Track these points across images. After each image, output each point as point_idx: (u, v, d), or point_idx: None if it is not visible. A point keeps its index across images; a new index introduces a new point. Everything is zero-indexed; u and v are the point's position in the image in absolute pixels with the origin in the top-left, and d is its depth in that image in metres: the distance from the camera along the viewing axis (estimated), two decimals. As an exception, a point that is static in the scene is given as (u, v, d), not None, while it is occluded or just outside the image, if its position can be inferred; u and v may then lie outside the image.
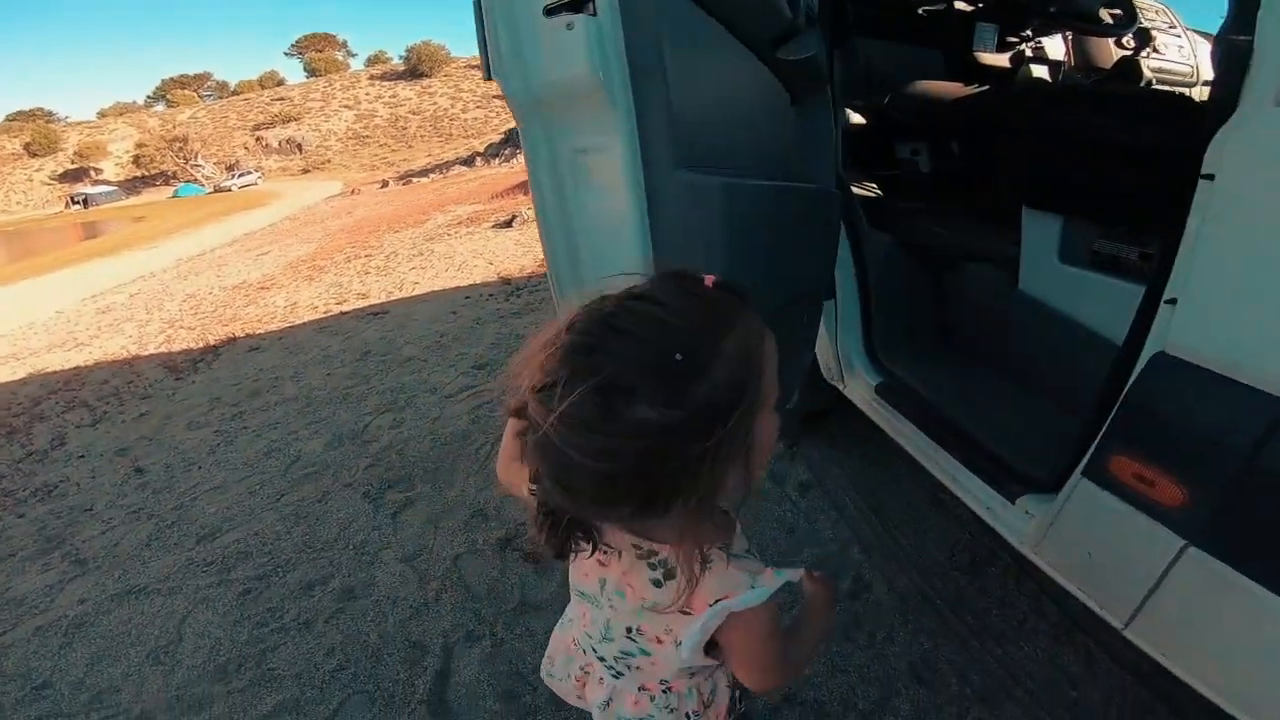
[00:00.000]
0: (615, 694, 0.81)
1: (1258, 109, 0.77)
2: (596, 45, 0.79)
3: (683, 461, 0.51)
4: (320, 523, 2.28)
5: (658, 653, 0.71)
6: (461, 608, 1.82)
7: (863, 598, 1.69)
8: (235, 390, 3.77)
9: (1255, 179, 0.79)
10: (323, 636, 1.78)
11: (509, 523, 2.14)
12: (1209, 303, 0.87)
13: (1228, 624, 0.89)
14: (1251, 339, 0.82)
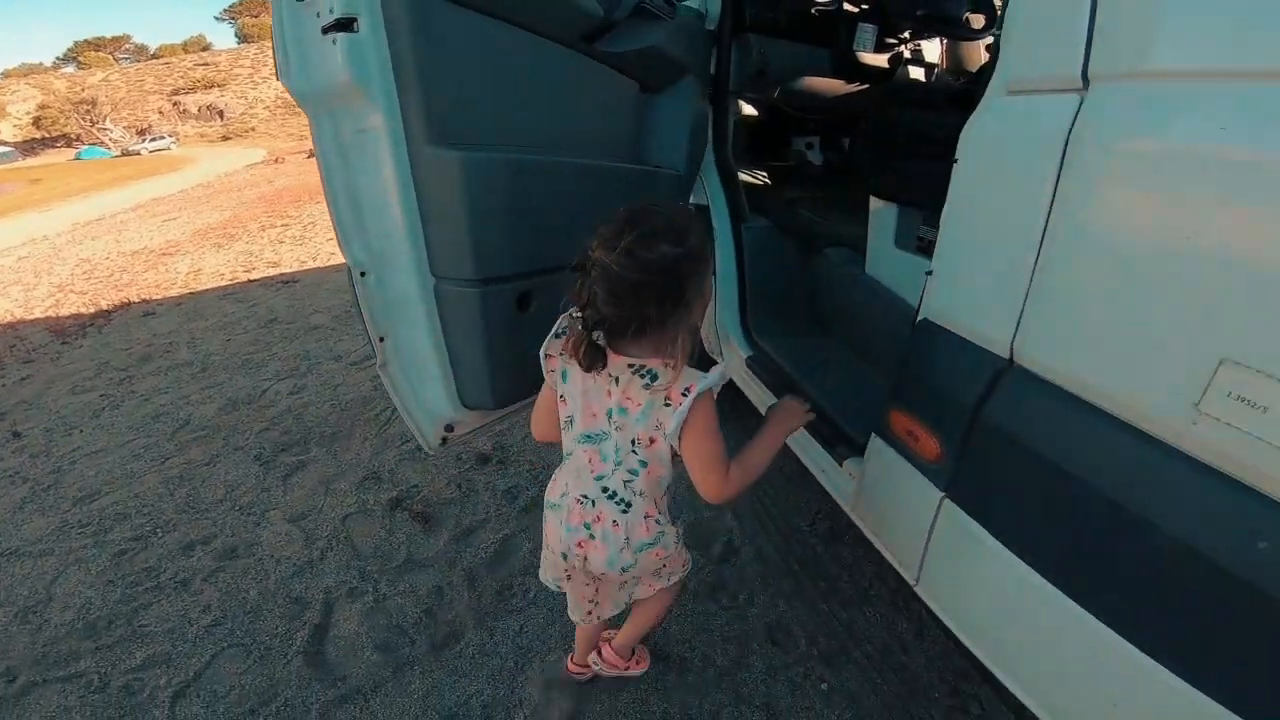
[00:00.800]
0: (629, 529, 1.10)
1: (993, 97, 0.90)
2: (359, 56, 1.01)
3: (676, 282, 0.92)
4: (205, 485, 2.29)
5: (652, 459, 1.05)
6: (346, 566, 1.89)
7: (731, 561, 1.85)
8: (125, 355, 3.68)
9: (985, 161, 0.92)
10: (199, 594, 1.82)
11: (402, 484, 2.21)
12: (950, 273, 1.01)
13: (977, 578, 0.97)
14: (977, 304, 0.95)
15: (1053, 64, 0.81)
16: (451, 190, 1.12)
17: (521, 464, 2.29)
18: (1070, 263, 0.79)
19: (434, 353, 1.30)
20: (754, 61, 1.93)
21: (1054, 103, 0.80)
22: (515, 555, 1.89)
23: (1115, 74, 0.73)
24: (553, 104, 1.33)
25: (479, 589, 1.78)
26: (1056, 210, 0.79)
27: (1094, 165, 0.75)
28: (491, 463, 2.30)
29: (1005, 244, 0.87)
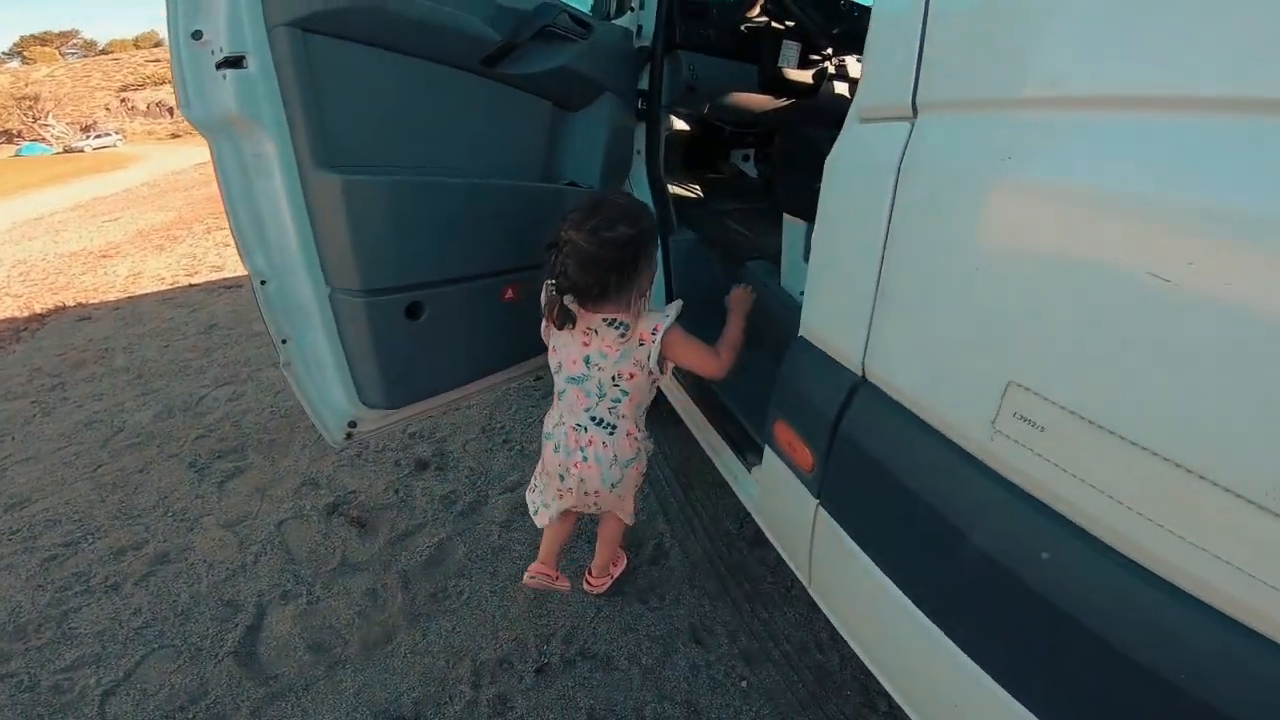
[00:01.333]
0: (616, 448, 1.44)
1: (851, 125, 1.01)
2: (249, 90, 1.15)
3: (631, 255, 1.28)
4: (138, 492, 2.34)
5: (633, 389, 1.41)
6: (280, 570, 1.96)
7: (660, 564, 1.97)
8: (59, 361, 3.67)
9: (842, 187, 1.03)
10: (130, 598, 1.88)
11: (339, 490, 2.29)
12: (817, 292, 1.13)
13: (848, 580, 1.09)
14: (837, 322, 1.06)
15: (890, 93, 0.90)
16: (335, 210, 1.26)
17: (460, 470, 2.38)
18: (899, 285, 0.88)
19: (331, 355, 1.44)
20: (685, 78, 2.02)
21: (890, 131, 0.88)
22: (450, 559, 1.98)
23: (939, 103, 0.82)
24: (453, 126, 1.45)
25: (413, 591, 1.86)
26: (891, 235, 0.88)
27: (916, 192, 0.84)
28: (430, 469, 2.39)
29: (856, 267, 0.96)
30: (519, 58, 1.48)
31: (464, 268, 1.52)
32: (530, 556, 1.96)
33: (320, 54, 1.18)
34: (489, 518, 2.14)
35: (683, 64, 2.00)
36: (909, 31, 0.85)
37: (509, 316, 1.68)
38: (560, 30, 1.53)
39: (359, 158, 1.29)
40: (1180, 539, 0.58)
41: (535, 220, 1.63)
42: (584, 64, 1.63)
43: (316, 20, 1.15)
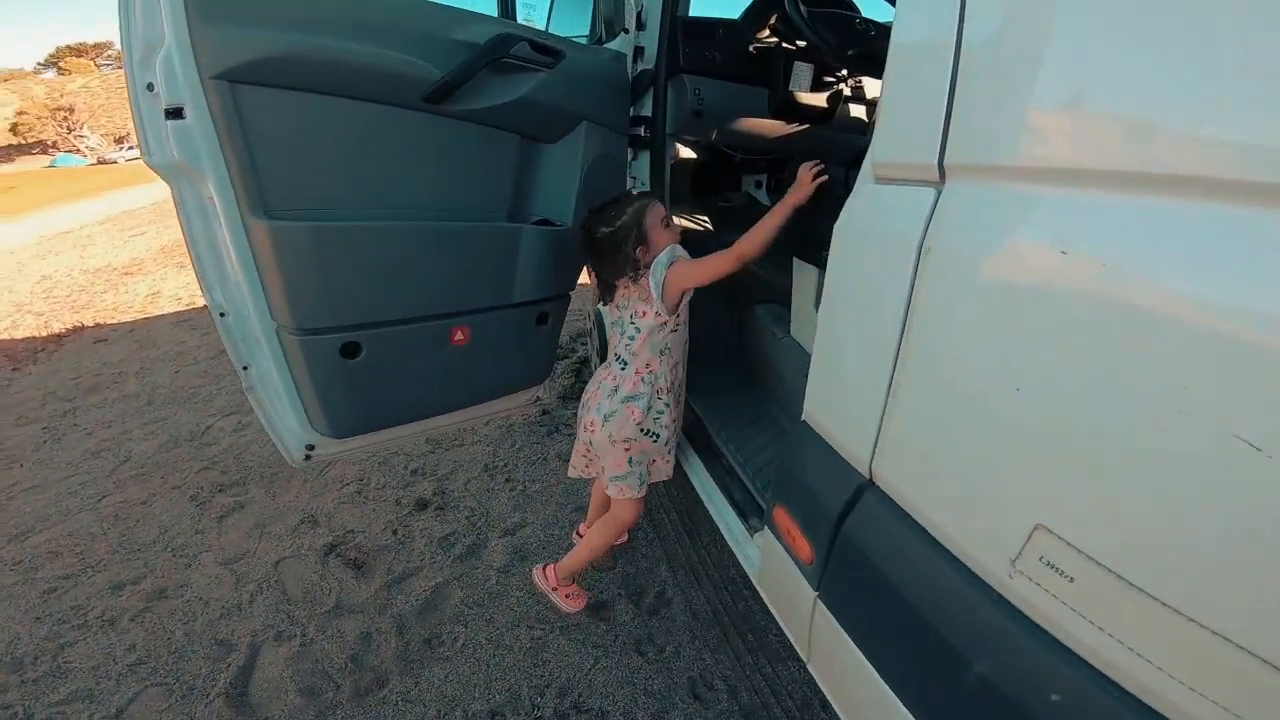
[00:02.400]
0: (620, 379, 1.73)
1: (864, 183, 0.96)
2: (188, 140, 1.25)
3: (622, 235, 1.63)
4: (140, 525, 2.45)
5: (644, 326, 1.69)
6: (275, 610, 2.03)
7: (661, 613, 2.00)
8: (73, 385, 3.85)
9: (852, 255, 0.98)
10: (125, 633, 1.97)
11: (338, 529, 2.36)
12: (824, 374, 1.09)
13: (846, 674, 1.07)
14: (844, 414, 1.02)
15: (911, 149, 0.82)
16: (267, 254, 1.37)
17: (461, 510, 2.45)
18: (916, 386, 0.81)
19: (282, 384, 1.56)
20: (690, 102, 2.02)
21: (911, 197, 0.81)
22: (446, 604, 2.03)
23: (974, 167, 0.73)
24: (401, 166, 1.53)
25: (407, 636, 1.92)
26: (909, 325, 0.81)
27: (942, 277, 0.76)
28: (430, 508, 2.46)
29: (866, 355, 0.91)
30: (471, 91, 1.51)
31: (405, 310, 1.61)
32: (529, 604, 2.01)
33: (251, 103, 1.27)
34: (487, 562, 2.19)
35: (687, 88, 2.01)
36: (936, 69, 0.76)
37: (459, 360, 1.76)
38: (518, 60, 1.56)
39: (298, 202, 1.39)
40: (1217, 705, 0.54)
41: (488, 262, 1.71)
42: (552, 93, 1.66)
43: (243, 72, 1.23)
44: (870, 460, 0.93)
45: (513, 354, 1.91)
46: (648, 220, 1.66)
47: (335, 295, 1.49)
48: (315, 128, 1.37)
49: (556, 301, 1.94)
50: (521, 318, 1.86)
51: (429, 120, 1.50)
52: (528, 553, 2.22)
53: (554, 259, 1.83)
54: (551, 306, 1.93)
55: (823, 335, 1.08)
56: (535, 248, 1.77)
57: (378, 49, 1.37)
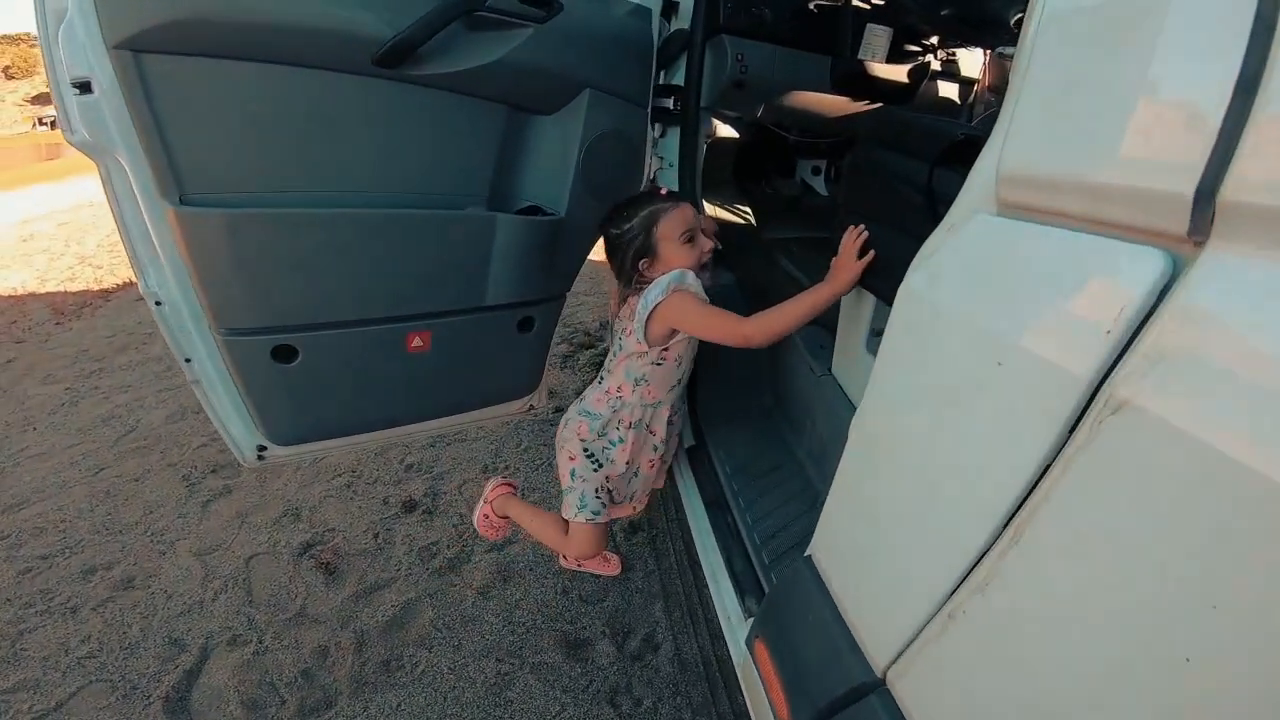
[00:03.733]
0: (589, 392, 1.68)
1: (974, 212, 0.71)
2: (96, 116, 1.17)
3: (626, 241, 1.53)
4: (128, 504, 2.51)
5: (626, 344, 1.56)
6: (236, 611, 2.03)
7: (645, 659, 1.88)
8: (106, 343, 4.05)
9: (931, 339, 0.72)
10: (84, 623, 2.01)
11: (319, 526, 2.35)
12: (845, 527, 0.90)
13: None
14: (864, 580, 0.83)
15: (1121, 163, 0.52)
16: (181, 244, 1.28)
17: (450, 517, 2.39)
18: (1016, 614, 0.57)
19: (221, 383, 1.50)
20: (731, 71, 1.79)
21: (1103, 257, 0.53)
22: (414, 622, 1.98)
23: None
24: (350, 143, 1.39)
25: (365, 655, 1.87)
26: (1031, 511, 0.55)
27: (1160, 462, 0.45)
28: (418, 511, 2.41)
29: (923, 524, 0.70)
30: (436, 52, 1.35)
31: (347, 311, 1.50)
32: (505, 632, 1.93)
33: (161, 74, 1.17)
34: (467, 580, 2.11)
35: (729, 53, 1.79)
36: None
37: (418, 368, 1.65)
38: (499, 14, 1.39)
39: (221, 186, 1.30)
40: None
41: (453, 257, 1.56)
42: (543, 54, 1.47)
43: (149, 39, 1.13)
44: (889, 664, 0.74)
45: (487, 364, 1.79)
46: (660, 230, 1.52)
47: (262, 292, 1.39)
48: (239, 100, 1.26)
49: (544, 305, 1.80)
50: (496, 323, 1.73)
51: (381, 88, 1.35)
52: (513, 574, 2.13)
53: (541, 255, 1.67)
54: (538, 310, 1.79)
55: (853, 458, 0.85)
56: (516, 241, 1.61)
57: (310, 4, 1.23)
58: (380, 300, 1.53)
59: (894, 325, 0.77)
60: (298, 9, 1.22)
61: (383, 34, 1.27)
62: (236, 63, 1.22)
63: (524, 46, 1.44)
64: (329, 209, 1.40)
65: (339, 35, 1.26)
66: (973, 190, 0.72)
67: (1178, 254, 0.48)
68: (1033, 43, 0.64)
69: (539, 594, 2.07)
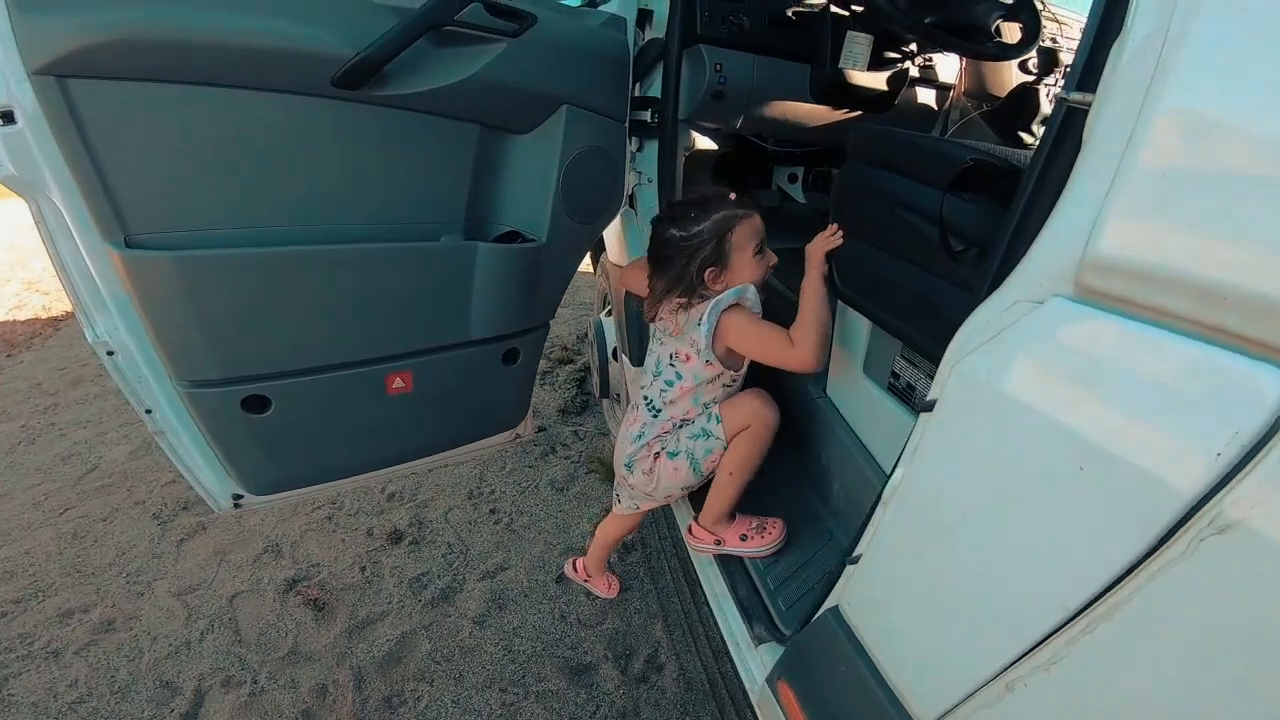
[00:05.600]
0: (646, 427, 1.65)
1: (1044, 292, 0.71)
2: (21, 149, 1.14)
3: (695, 246, 1.49)
4: (98, 545, 2.59)
5: (686, 373, 1.58)
6: (226, 651, 2.13)
7: (650, 681, 2.02)
8: (59, 376, 4.10)
9: (990, 427, 0.76)
10: (69, 667, 2.10)
11: (302, 562, 2.45)
12: (881, 592, 0.99)
13: None
14: (906, 659, 0.92)
15: (1263, 281, 0.51)
16: (131, 291, 1.27)
17: (438, 546, 2.50)
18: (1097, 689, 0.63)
19: (187, 434, 1.51)
20: (709, 81, 1.87)
21: (1238, 371, 0.52)
22: (412, 656, 2.09)
23: None
24: (309, 172, 1.37)
25: (365, 692, 1.98)
26: (1130, 593, 0.59)
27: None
28: (404, 542, 2.52)
29: (983, 604, 0.76)
30: (403, 71, 1.34)
31: (321, 356, 1.51)
32: (505, 661, 2.05)
33: (94, 102, 1.14)
34: (462, 610, 2.23)
35: (706, 63, 1.86)
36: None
37: (402, 411, 1.68)
38: (468, 29, 1.38)
39: (169, 224, 1.27)
40: None
41: (433, 292, 1.57)
42: (518, 70, 1.48)
43: (74, 63, 1.09)
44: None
45: (473, 400, 1.83)
46: (735, 238, 1.51)
47: (225, 341, 1.38)
48: (185, 129, 1.22)
49: (529, 335, 1.84)
50: (481, 358, 1.75)
51: (343, 111, 1.33)
52: (507, 601, 2.26)
53: (524, 283, 1.70)
54: (523, 341, 1.82)
55: (897, 523, 0.93)
56: (497, 271, 1.63)
57: (259, 21, 1.19)
58: (356, 342, 1.54)
59: (948, 404, 0.81)
60: (245, 27, 1.19)
61: (343, 53, 1.26)
62: (180, 87, 1.18)
63: (496, 62, 1.44)
64: (292, 247, 1.38)
65: (294, 55, 1.23)
66: (1041, 265, 0.72)
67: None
68: (1140, 89, 0.62)
69: (536, 620, 2.20)
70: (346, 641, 2.14)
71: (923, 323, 1.29)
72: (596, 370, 2.90)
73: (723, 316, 1.50)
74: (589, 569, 2.10)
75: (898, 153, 1.43)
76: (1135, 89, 0.61)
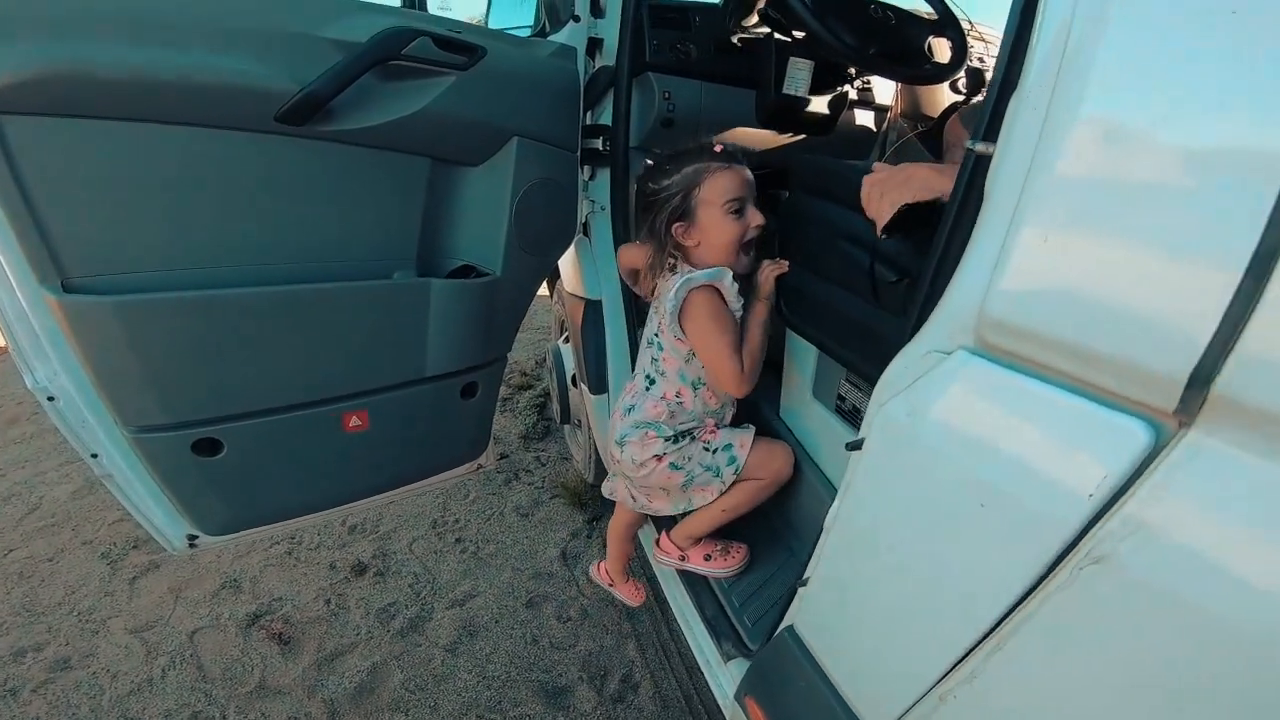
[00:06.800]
0: (638, 399, 1.68)
1: (954, 344, 0.83)
2: None
3: (663, 198, 1.56)
4: (45, 584, 2.60)
5: (667, 345, 1.61)
6: (191, 687, 2.17)
7: (627, 700, 2.12)
8: (-9, 414, 4.02)
9: (905, 461, 0.89)
10: (27, 705, 2.12)
11: (263, 596, 2.50)
12: (828, 613, 1.11)
13: None
14: (855, 670, 1.03)
15: (1131, 348, 0.62)
16: (70, 338, 1.29)
17: (404, 576, 2.58)
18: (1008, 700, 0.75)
19: (136, 478, 1.53)
20: (659, 108, 1.99)
21: (1108, 423, 0.64)
22: (384, 686, 2.16)
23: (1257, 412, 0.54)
24: (251, 209, 1.40)
25: (339, 724, 2.03)
26: (1028, 614, 0.71)
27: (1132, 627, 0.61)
28: (369, 574, 2.59)
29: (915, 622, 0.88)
30: (350, 106, 1.37)
31: (273, 397, 1.54)
32: (480, 688, 2.13)
33: (22, 140, 1.15)
34: (431, 638, 2.31)
35: (656, 91, 1.99)
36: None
37: (358, 448, 1.73)
38: (416, 62, 1.42)
39: (107, 267, 1.30)
40: None
41: (387, 330, 1.61)
42: (467, 103, 1.52)
43: (5, 98, 1.10)
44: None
45: (432, 434, 1.89)
46: (703, 192, 1.54)
47: (171, 386, 1.41)
48: (123, 167, 1.24)
49: (487, 369, 1.91)
50: (439, 394, 1.81)
51: (289, 147, 1.36)
52: (478, 628, 2.34)
53: (480, 318, 1.76)
54: (481, 375, 1.89)
55: (837, 548, 1.05)
56: (452, 307, 1.68)
57: (199, 56, 1.22)
58: (309, 382, 1.58)
59: (874, 443, 0.92)
60: (183, 62, 1.21)
61: (287, 88, 1.28)
62: (118, 124, 1.20)
63: (445, 96, 1.47)
64: (238, 289, 1.40)
65: (235, 90, 1.26)
66: (951, 315, 0.82)
67: (1162, 426, 0.60)
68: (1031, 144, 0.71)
69: (509, 646, 2.29)
70: (316, 674, 2.20)
71: (863, 349, 1.38)
72: (556, 398, 3.01)
73: (691, 294, 1.52)
74: (612, 574, 2.09)
75: (834, 183, 1.53)
76: (1027, 143, 0.71)
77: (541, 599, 2.48)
